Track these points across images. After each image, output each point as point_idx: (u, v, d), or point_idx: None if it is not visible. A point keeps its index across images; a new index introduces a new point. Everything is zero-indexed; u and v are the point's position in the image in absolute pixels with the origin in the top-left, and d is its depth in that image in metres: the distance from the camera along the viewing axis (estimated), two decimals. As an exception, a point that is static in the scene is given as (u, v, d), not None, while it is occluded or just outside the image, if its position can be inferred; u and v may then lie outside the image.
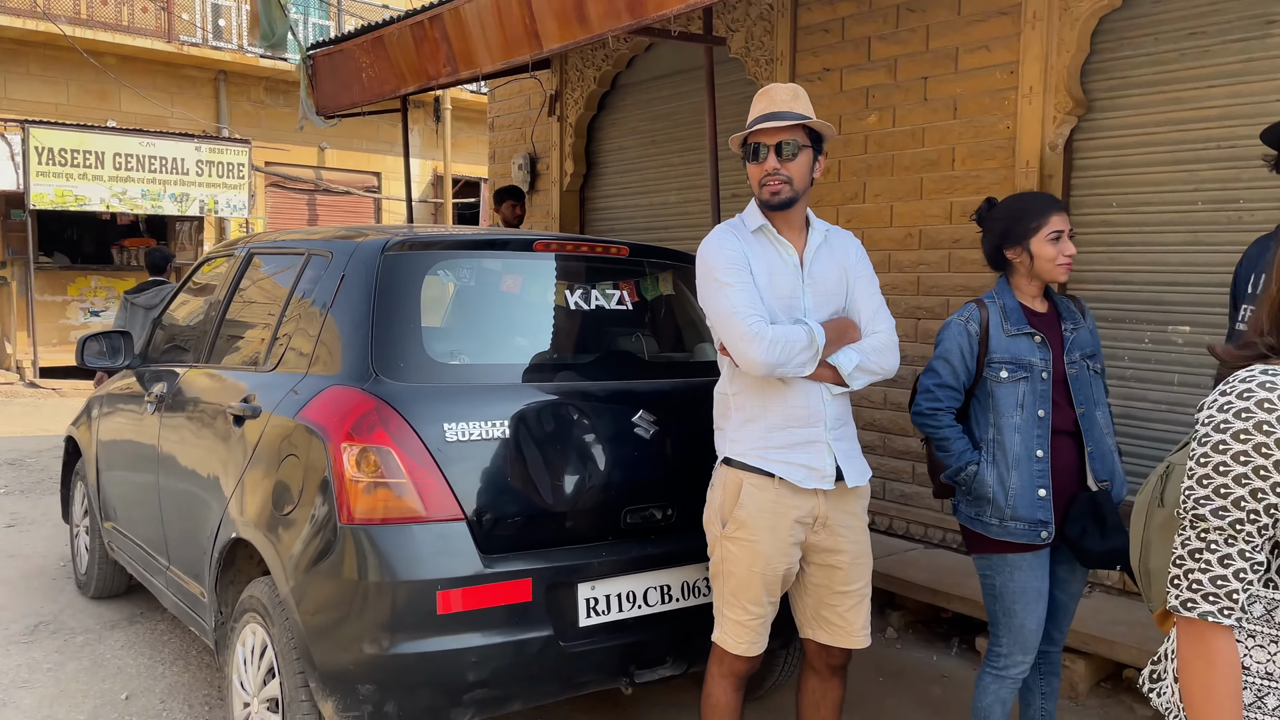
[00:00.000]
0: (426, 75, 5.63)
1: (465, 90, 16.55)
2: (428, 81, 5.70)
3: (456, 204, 18.16)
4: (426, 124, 17.57)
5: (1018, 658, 2.88)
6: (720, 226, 2.78)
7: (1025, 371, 2.81)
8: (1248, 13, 3.93)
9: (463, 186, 18.53)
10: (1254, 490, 1.41)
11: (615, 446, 3.02)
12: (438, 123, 17.07)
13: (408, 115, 7.65)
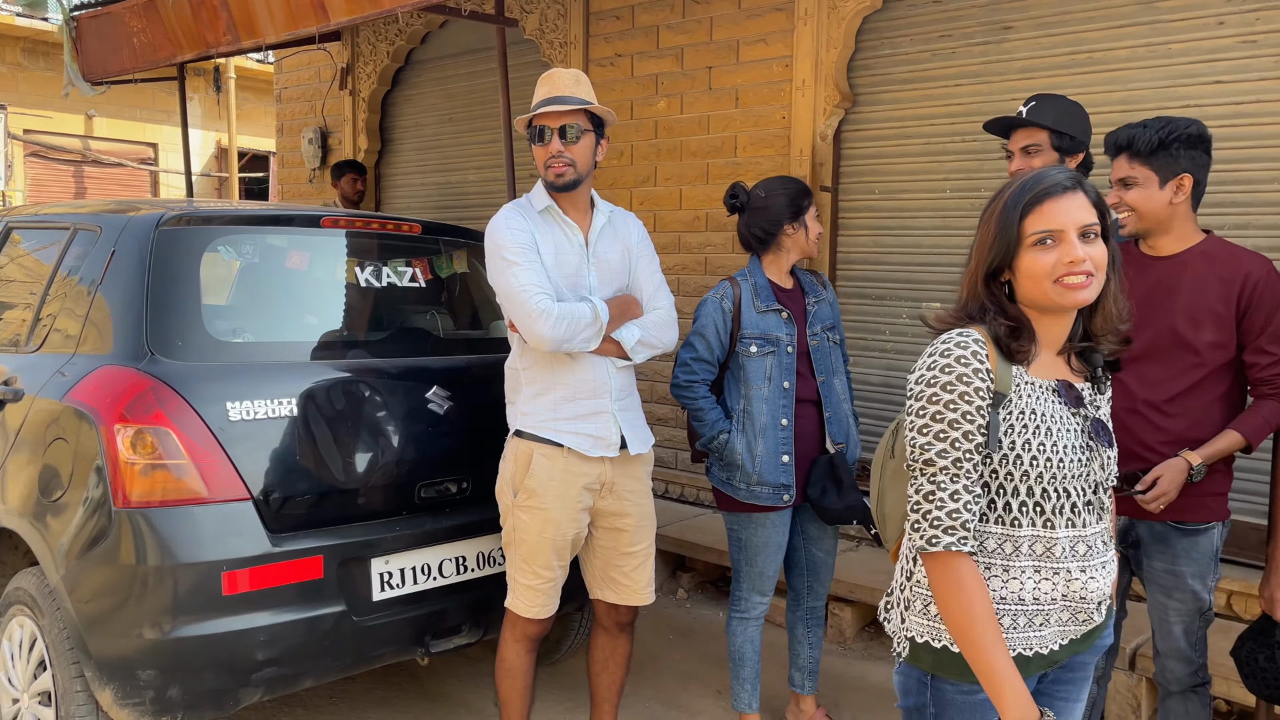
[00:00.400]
0: (205, 43, 5.37)
1: (251, 59, 15.73)
2: (206, 49, 5.44)
3: (243, 178, 17.26)
4: (208, 93, 16.59)
5: (756, 599, 3.22)
6: (507, 206, 2.87)
7: (773, 346, 3.09)
8: (988, 19, 4.37)
9: (250, 160, 17.62)
10: (965, 432, 1.66)
11: (409, 423, 3.06)
12: (219, 93, 16.15)
13: (185, 84, 7.25)
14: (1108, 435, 1.79)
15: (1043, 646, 1.73)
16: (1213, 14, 3.79)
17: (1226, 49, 3.77)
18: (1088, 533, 1.74)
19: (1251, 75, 3.72)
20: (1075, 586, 1.72)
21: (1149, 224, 2.55)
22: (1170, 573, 2.57)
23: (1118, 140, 2.56)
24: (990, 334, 1.70)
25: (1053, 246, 1.67)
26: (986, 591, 1.66)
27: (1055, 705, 1.86)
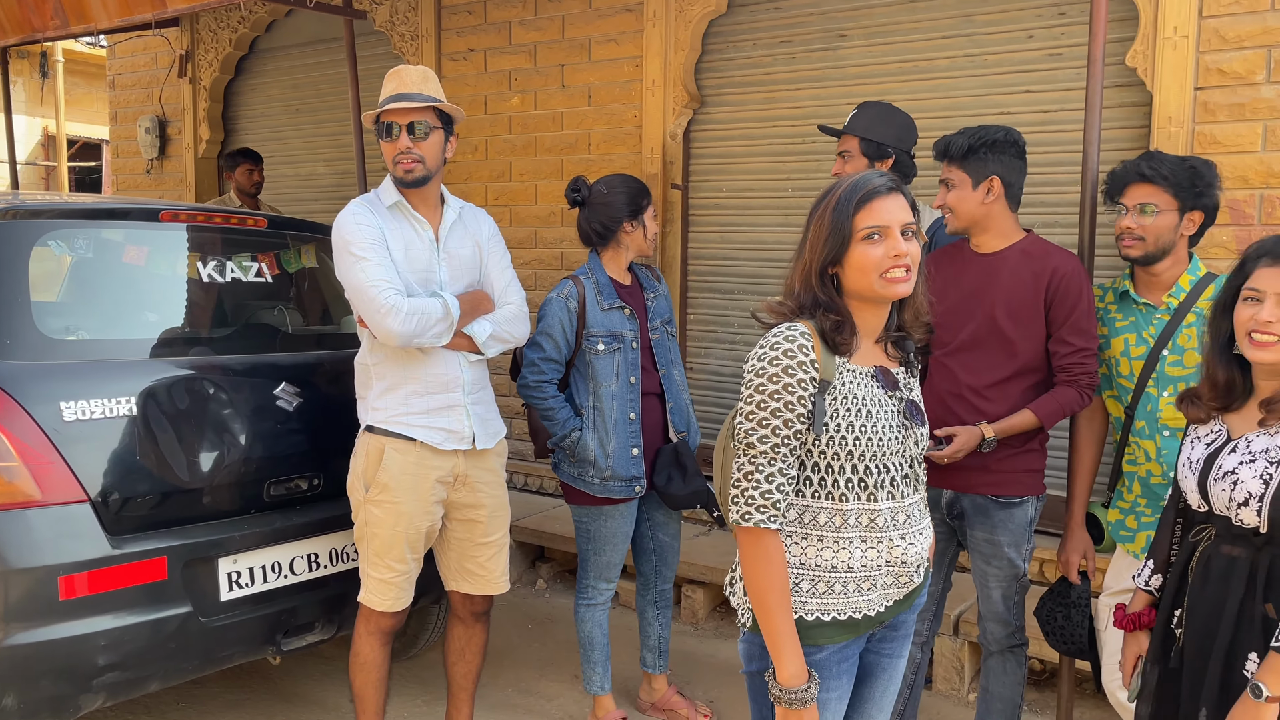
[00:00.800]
0: (31, 27, 5.09)
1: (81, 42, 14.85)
2: (32, 34, 5.16)
3: (73, 168, 16.27)
4: (33, 77, 15.56)
5: (602, 586, 3.34)
6: (355, 201, 2.87)
7: (619, 343, 3.20)
8: (825, 27, 4.60)
9: (80, 148, 16.62)
10: (785, 420, 1.81)
11: (256, 420, 3.03)
12: (45, 78, 15.18)
13: (8, 67, 6.83)
14: (920, 415, 1.98)
15: (870, 609, 1.90)
16: (1023, 28, 4.11)
17: (1035, 61, 4.10)
18: (906, 503, 1.92)
19: (1057, 85, 4.05)
20: (897, 553, 1.90)
21: (965, 222, 2.78)
22: (989, 542, 2.80)
23: (939, 146, 2.79)
24: (816, 328, 1.85)
25: (880, 241, 1.82)
26: (785, 566, 1.83)
27: (881, 661, 2.04)
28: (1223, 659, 1.95)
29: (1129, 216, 2.62)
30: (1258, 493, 1.90)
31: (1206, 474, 2.01)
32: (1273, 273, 1.92)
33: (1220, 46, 3.57)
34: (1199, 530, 2.06)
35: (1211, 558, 2.00)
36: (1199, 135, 3.63)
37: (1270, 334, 1.91)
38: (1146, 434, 2.66)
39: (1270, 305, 1.92)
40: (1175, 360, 2.61)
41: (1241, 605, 1.93)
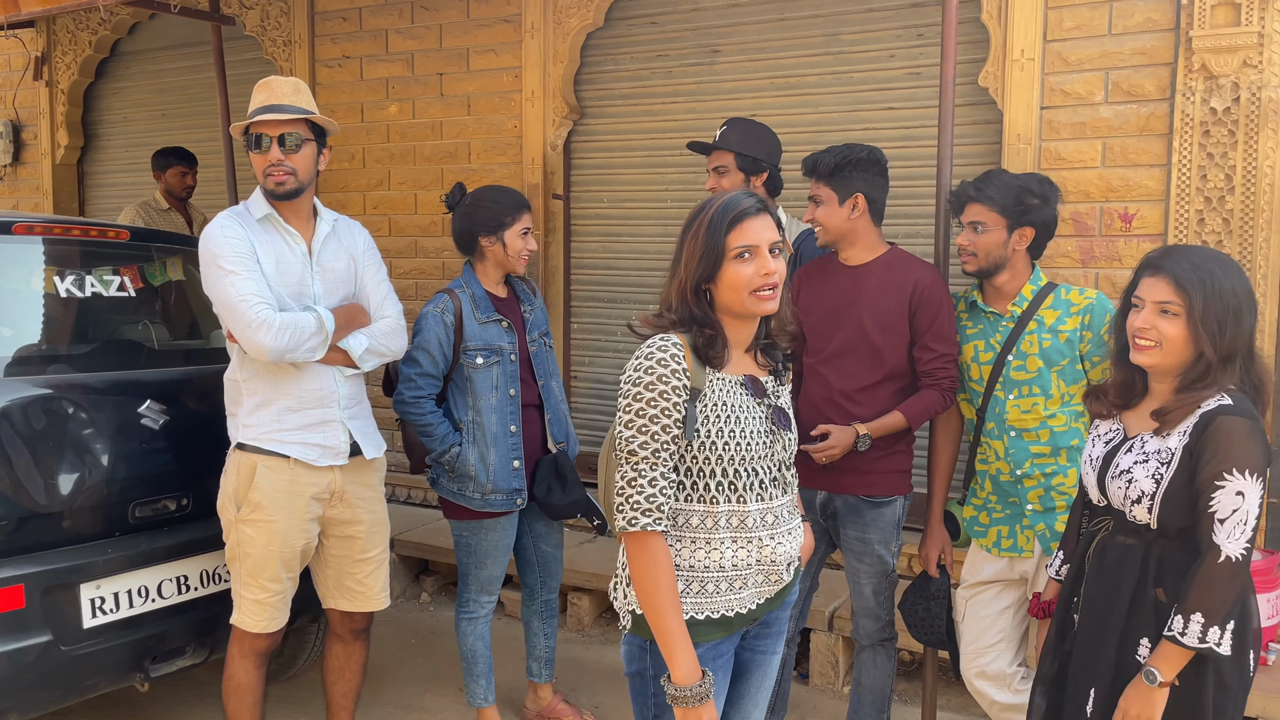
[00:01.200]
0: None
1: (-76, 37, 13.92)
2: None
3: (-82, 171, 15.23)
4: None
5: (483, 599, 3.33)
6: (223, 214, 2.81)
7: (497, 356, 3.19)
8: (700, 42, 4.71)
9: (-74, 151, 15.56)
10: (663, 425, 1.89)
11: (120, 439, 2.93)
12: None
13: None
14: (787, 420, 2.07)
15: (742, 607, 1.99)
16: (885, 48, 4.31)
17: (896, 79, 4.30)
18: (775, 505, 2.02)
19: (917, 103, 4.26)
20: (766, 552, 1.99)
21: (833, 236, 2.90)
22: (861, 540, 2.93)
23: (808, 164, 2.92)
24: (689, 341, 1.94)
25: (750, 260, 1.92)
26: (673, 567, 1.90)
27: (756, 658, 2.14)
28: (1115, 643, 2.08)
29: (963, 234, 2.80)
30: (1149, 491, 2.03)
31: (1105, 471, 2.14)
32: (1151, 282, 2.07)
33: (1063, 69, 3.81)
34: (1098, 521, 2.20)
35: (1107, 547, 2.14)
36: (1045, 152, 3.87)
37: (1147, 339, 2.05)
38: (996, 435, 2.83)
39: (1146, 312, 2.06)
40: (1019, 365, 2.78)
41: (1135, 592, 2.06)
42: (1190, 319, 2.01)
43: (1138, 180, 3.71)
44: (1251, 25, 3.40)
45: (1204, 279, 2.00)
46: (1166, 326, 2.03)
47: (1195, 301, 2.00)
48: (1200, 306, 1.99)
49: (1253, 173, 3.47)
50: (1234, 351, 2.01)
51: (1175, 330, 2.02)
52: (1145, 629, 2.05)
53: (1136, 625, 2.06)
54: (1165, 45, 3.63)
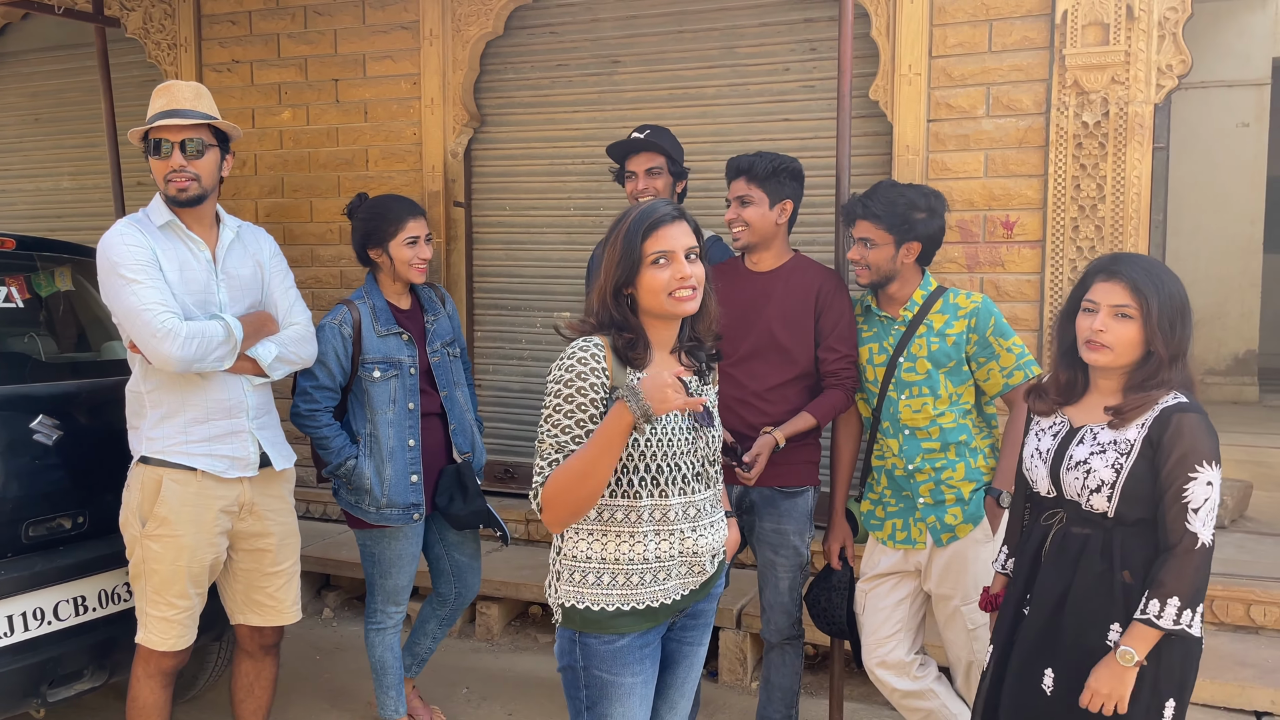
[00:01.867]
0: None
1: None
2: None
3: None
4: None
5: (391, 609, 3.30)
6: (122, 221, 2.73)
7: (395, 369, 3.16)
8: (599, 52, 4.77)
9: None
10: (578, 420, 1.98)
11: (11, 456, 2.81)
12: None
13: None
14: (709, 418, 2.16)
15: (666, 598, 2.07)
16: (780, 62, 4.45)
17: (792, 92, 4.45)
18: (697, 499, 2.11)
19: (811, 115, 4.41)
20: (689, 544, 2.08)
21: (758, 238, 2.99)
22: (777, 531, 3.02)
23: (740, 165, 2.99)
24: (611, 343, 2.01)
25: (666, 265, 2.01)
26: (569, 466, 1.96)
27: (683, 649, 2.21)
28: (1076, 628, 2.18)
29: (855, 248, 2.91)
30: (1109, 480, 2.15)
31: (1059, 463, 2.25)
32: (1105, 287, 2.19)
33: (948, 84, 4.02)
34: (1049, 515, 2.29)
35: (1065, 538, 2.24)
36: (932, 163, 4.06)
37: (1102, 341, 2.18)
38: (890, 433, 2.96)
39: (1103, 315, 2.18)
40: (910, 367, 2.92)
41: (1099, 579, 2.17)
42: (1146, 321, 2.14)
43: (1018, 190, 3.94)
44: (1119, 45, 3.66)
45: (1156, 284, 2.15)
46: (1121, 329, 2.16)
47: (1151, 304, 2.14)
48: (1155, 309, 2.13)
49: (1121, 182, 3.72)
50: (1180, 352, 2.16)
51: (1130, 332, 2.16)
52: (1115, 614, 2.14)
53: (1104, 610, 2.16)
54: (1041, 63, 3.87)
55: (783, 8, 4.43)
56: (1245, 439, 6.89)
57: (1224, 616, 3.73)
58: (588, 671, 2.03)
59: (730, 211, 3.01)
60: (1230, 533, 4.55)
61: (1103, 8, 3.69)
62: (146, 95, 2.84)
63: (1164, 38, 3.67)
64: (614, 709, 2.04)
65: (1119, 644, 2.11)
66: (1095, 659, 2.15)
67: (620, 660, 2.04)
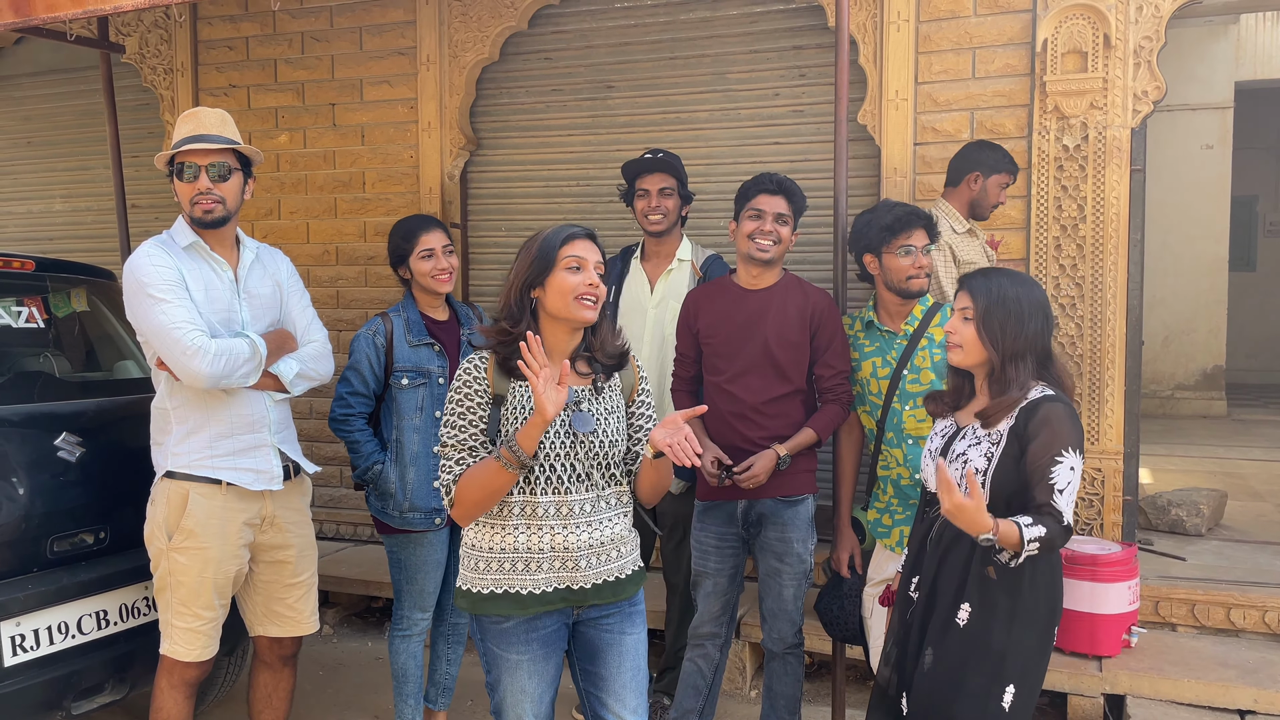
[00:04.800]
0: None
1: None
2: None
3: None
4: None
5: (417, 616, 3.37)
6: (149, 243, 2.80)
7: (424, 378, 3.27)
8: (594, 78, 4.90)
9: None
10: (470, 420, 2.23)
11: (35, 472, 2.86)
12: None
13: None
14: (585, 422, 2.27)
15: (536, 588, 2.23)
16: (770, 87, 4.60)
17: (781, 116, 4.59)
18: (571, 499, 2.27)
19: (800, 138, 4.56)
20: (559, 540, 2.24)
21: (782, 254, 3.11)
22: (782, 540, 3.11)
23: (782, 184, 3.10)
24: (495, 357, 2.24)
25: (578, 271, 2.23)
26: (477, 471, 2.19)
27: (604, 635, 2.34)
28: (947, 610, 2.35)
29: (920, 256, 3.02)
30: (982, 468, 2.35)
31: (944, 458, 2.43)
32: (959, 296, 2.46)
33: (933, 108, 4.18)
34: (935, 510, 2.46)
35: (943, 531, 2.41)
36: (920, 184, 4.22)
37: (953, 340, 2.44)
38: (895, 443, 3.08)
39: (954, 318, 2.45)
40: (914, 379, 3.05)
41: (965, 568, 2.34)
42: (977, 322, 2.38)
43: (1002, 210, 4.08)
44: (1097, 71, 3.84)
45: (990, 288, 2.39)
46: (964, 329, 2.41)
47: (979, 306, 2.38)
48: (983, 310, 2.38)
49: (1101, 203, 3.89)
50: (1019, 351, 2.36)
51: (969, 331, 2.40)
52: (969, 597, 2.33)
53: (963, 594, 2.34)
54: (1023, 88, 4.04)
55: (772, 35, 4.58)
56: (1218, 451, 7.11)
57: (1205, 620, 3.88)
58: (484, 643, 2.29)
59: (767, 224, 3.05)
60: (1208, 540, 4.72)
61: (1081, 36, 3.87)
62: (141, 119, 2.94)
63: (1139, 65, 3.85)
64: (504, 678, 2.27)
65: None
66: (952, 637, 2.32)
67: (506, 639, 2.25)
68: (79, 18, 3.71)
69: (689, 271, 3.62)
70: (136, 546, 2.89)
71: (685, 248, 3.66)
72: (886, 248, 3.06)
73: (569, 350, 2.29)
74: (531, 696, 2.27)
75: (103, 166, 5.53)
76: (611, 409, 2.33)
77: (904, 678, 2.44)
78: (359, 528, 5.34)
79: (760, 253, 3.07)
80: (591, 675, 2.35)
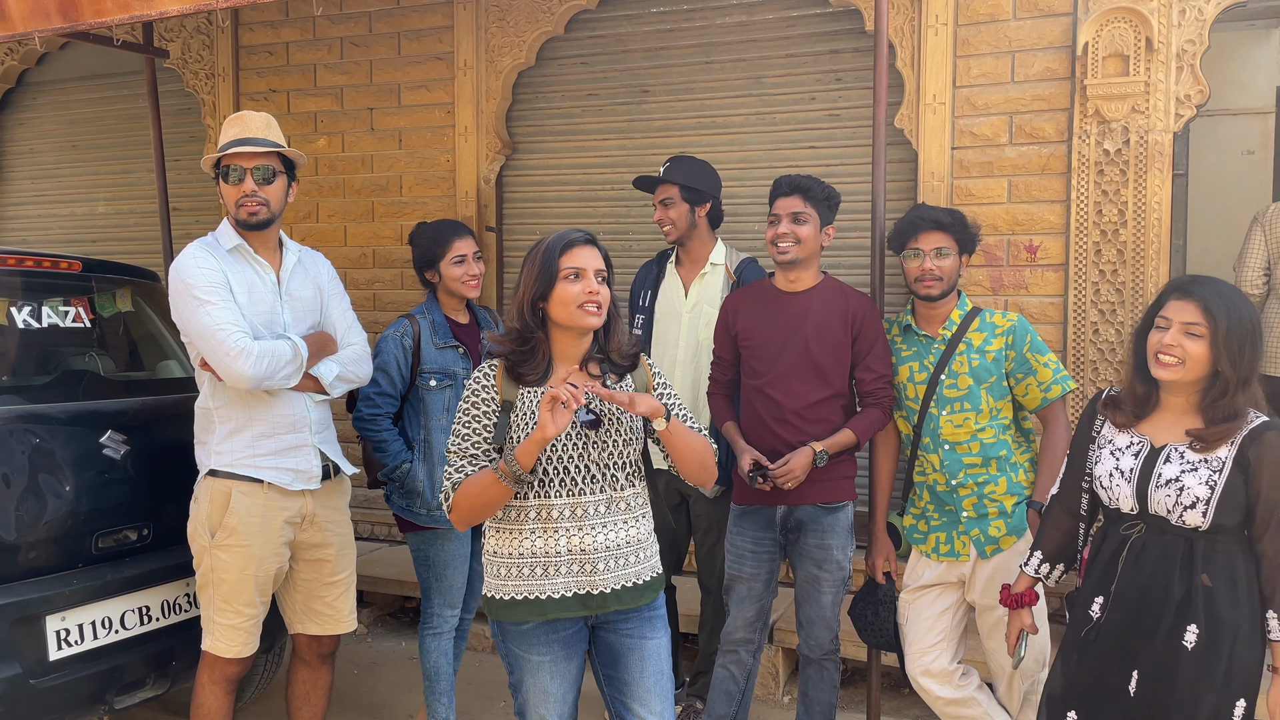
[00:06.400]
0: None
1: None
2: None
3: None
4: None
5: (447, 614, 3.39)
6: (194, 245, 2.85)
7: (450, 380, 3.32)
8: (630, 82, 4.92)
9: None
10: (474, 429, 2.26)
11: (81, 470, 2.91)
12: None
13: None
14: (596, 423, 2.29)
15: (555, 592, 2.24)
16: (806, 91, 4.59)
17: (817, 120, 4.58)
18: (585, 500, 2.27)
19: (836, 143, 4.55)
20: (575, 543, 2.25)
21: (806, 254, 3.07)
22: (821, 547, 3.09)
23: (796, 183, 3.07)
24: (504, 365, 2.27)
25: (577, 280, 2.23)
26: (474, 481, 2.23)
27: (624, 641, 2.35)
28: (1161, 631, 2.27)
29: (926, 260, 3.00)
30: (1204, 497, 2.24)
31: (1145, 481, 2.33)
32: (1179, 305, 2.30)
33: (971, 112, 4.15)
34: (1129, 526, 2.37)
35: (1146, 547, 2.32)
36: (957, 189, 4.19)
37: (1172, 355, 2.28)
38: (931, 449, 3.06)
39: (1173, 331, 2.28)
40: (951, 384, 3.03)
41: (1180, 584, 2.26)
42: (1214, 341, 2.25)
43: (1041, 215, 4.06)
44: (1139, 75, 3.80)
45: (1228, 306, 2.25)
46: (1191, 345, 2.26)
47: (1220, 325, 2.24)
48: (1224, 330, 2.23)
49: (1142, 208, 3.85)
50: (1251, 374, 2.25)
51: (1199, 350, 2.26)
52: (1193, 616, 2.24)
53: (1183, 613, 2.25)
54: (1062, 92, 4.00)
55: (809, 39, 4.58)
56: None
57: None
58: (505, 644, 2.33)
59: (782, 226, 3.04)
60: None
61: (1123, 40, 3.83)
62: (183, 123, 2.98)
63: (1182, 69, 3.81)
64: (526, 679, 2.30)
65: (1274, 666, 2.20)
66: (1176, 659, 2.24)
67: (528, 640, 2.28)
68: (124, 22, 3.76)
69: (723, 275, 3.62)
70: (179, 544, 2.93)
71: (719, 251, 3.65)
72: (900, 252, 3.06)
73: (579, 355, 2.32)
74: (554, 697, 2.30)
75: (146, 170, 5.62)
76: (623, 413, 2.35)
77: (1086, 702, 2.38)
78: (394, 528, 5.37)
79: (780, 255, 3.06)
80: (614, 680, 2.36)
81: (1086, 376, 3.99)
